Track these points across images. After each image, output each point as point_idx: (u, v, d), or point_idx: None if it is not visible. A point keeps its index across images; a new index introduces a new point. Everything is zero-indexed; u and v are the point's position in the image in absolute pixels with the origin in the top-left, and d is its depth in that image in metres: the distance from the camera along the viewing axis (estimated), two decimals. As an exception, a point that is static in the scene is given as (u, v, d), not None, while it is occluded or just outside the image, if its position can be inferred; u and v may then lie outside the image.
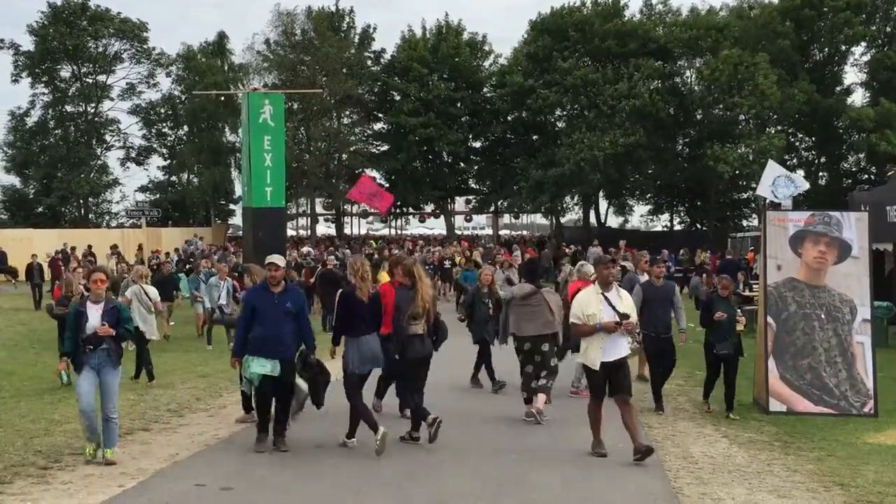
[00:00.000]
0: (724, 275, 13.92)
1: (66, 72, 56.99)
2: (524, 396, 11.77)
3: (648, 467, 9.36)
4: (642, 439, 9.71)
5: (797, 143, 52.16)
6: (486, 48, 55.86)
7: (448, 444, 10.00)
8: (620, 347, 9.59)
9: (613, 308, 9.53)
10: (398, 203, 55.99)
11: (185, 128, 58.33)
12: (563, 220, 58.91)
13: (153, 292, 15.87)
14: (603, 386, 9.67)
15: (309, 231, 62.54)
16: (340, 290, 10.41)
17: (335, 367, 10.52)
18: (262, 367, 9.76)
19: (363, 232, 66.99)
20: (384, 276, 12.23)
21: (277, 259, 10.27)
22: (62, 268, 29.26)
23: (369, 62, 55.51)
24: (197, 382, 14.92)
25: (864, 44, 50.26)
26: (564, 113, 52.41)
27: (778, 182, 25.00)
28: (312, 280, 26.54)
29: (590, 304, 9.62)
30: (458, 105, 53.29)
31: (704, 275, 30.63)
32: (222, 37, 57.82)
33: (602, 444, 9.89)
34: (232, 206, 59.45)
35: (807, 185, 25.71)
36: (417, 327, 10.10)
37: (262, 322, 9.75)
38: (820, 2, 47.41)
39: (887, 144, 43.30)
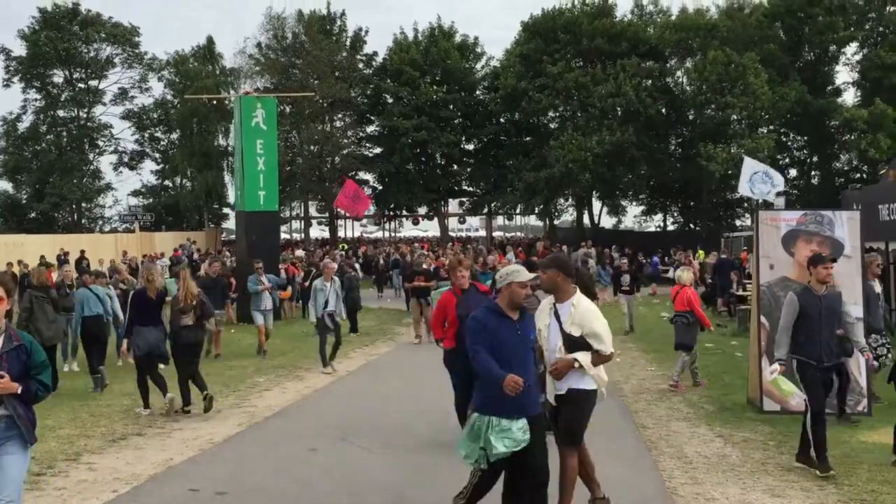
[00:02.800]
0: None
1: (58, 77, 57.01)
2: None
3: (642, 468, 9.36)
4: (599, 492, 7.77)
5: (789, 143, 52.21)
6: (479, 50, 55.94)
7: (444, 445, 10.00)
8: (569, 376, 7.19)
9: (560, 327, 7.24)
10: (391, 205, 56.02)
11: (178, 132, 58.27)
12: (556, 221, 58.97)
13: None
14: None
15: (302, 234, 62.55)
16: (133, 290, 13.58)
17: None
18: (511, 439, 6.50)
19: (357, 234, 67.01)
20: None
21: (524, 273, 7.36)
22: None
23: (361, 65, 55.52)
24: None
25: (855, 44, 50.35)
26: (556, 114, 52.43)
27: (755, 179, 25.26)
28: (307, 283, 26.62)
29: (541, 316, 7.43)
30: (451, 107, 53.29)
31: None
32: (211, 41, 57.86)
33: (599, 490, 7.80)
34: (225, 210, 59.43)
35: (782, 183, 25.95)
36: (187, 319, 12.55)
37: (505, 360, 6.53)
38: (806, 6, 47.48)
39: (875, 151, 43.52)
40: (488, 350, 6.51)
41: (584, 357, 7.07)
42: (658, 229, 58.17)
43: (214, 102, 51.46)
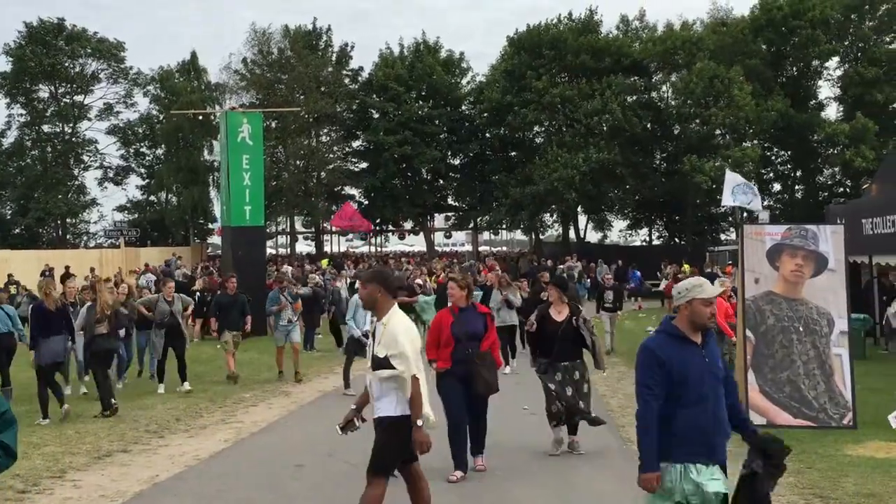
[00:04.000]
0: None
1: (43, 92, 56.78)
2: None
3: (625, 479, 9.34)
4: None
5: (773, 157, 52.51)
6: (464, 65, 56.08)
7: (433, 459, 9.96)
8: (382, 400, 6.64)
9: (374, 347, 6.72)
10: (377, 220, 56.01)
11: (163, 147, 58.14)
12: (542, 236, 59.04)
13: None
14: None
15: (288, 249, 62.40)
16: (32, 304, 14.96)
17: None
18: (716, 481, 5.31)
19: (343, 249, 66.93)
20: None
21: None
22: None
23: (347, 80, 55.56)
24: (177, 402, 14.85)
25: (836, 59, 50.70)
26: (542, 129, 52.61)
27: (737, 190, 25.70)
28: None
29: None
30: (436, 122, 53.36)
31: None
32: (195, 56, 57.80)
33: None
34: (211, 226, 59.30)
35: (758, 203, 26.55)
36: (102, 328, 13.78)
37: (693, 397, 5.20)
38: (789, 19, 47.77)
39: (862, 160, 43.60)
40: (667, 387, 5.12)
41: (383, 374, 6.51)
42: (644, 243, 58.36)
43: (200, 118, 51.38)
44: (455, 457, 9.41)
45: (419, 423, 6.47)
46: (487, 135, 54.04)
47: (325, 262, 42.60)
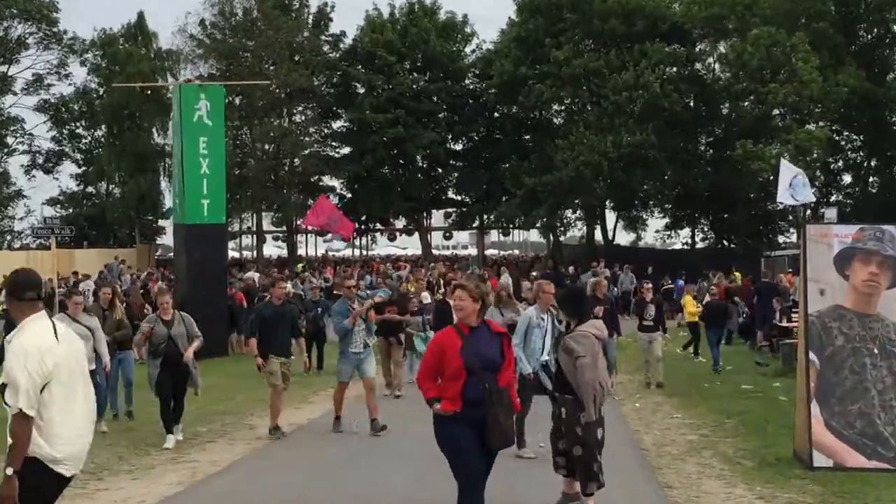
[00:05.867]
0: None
1: (-42, 60, 56.83)
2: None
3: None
4: None
5: (843, 143, 52.42)
6: (468, 30, 56.11)
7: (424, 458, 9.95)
8: None
9: None
10: (362, 218, 55.97)
11: (104, 128, 58.09)
12: (562, 237, 59.02)
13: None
14: None
15: (255, 252, 62.39)
16: None
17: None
18: None
19: (321, 252, 66.93)
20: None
21: None
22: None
23: (326, 48, 55.60)
24: (118, 437, 14.82)
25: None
26: (563, 108, 52.56)
27: (795, 183, 25.41)
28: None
29: None
30: (434, 99, 53.40)
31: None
32: (142, 18, 57.77)
33: None
34: (161, 223, 59.22)
35: (811, 196, 26.31)
36: None
37: None
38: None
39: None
40: None
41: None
42: (685, 247, 58.30)
43: (149, 92, 51.38)
44: None
45: (9, 471, 5.94)
46: (496, 114, 54.04)
47: (300, 267, 42.66)
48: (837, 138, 51.22)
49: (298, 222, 58.42)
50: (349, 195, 55.98)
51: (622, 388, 19.59)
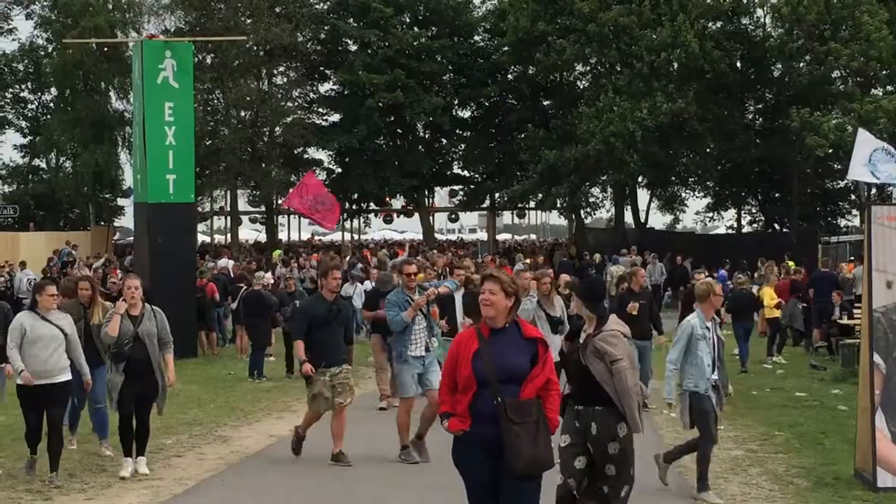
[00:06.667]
0: None
1: None
2: None
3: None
4: None
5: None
6: (477, -22, 56.06)
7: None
8: None
9: None
10: (354, 196, 55.93)
11: (54, 91, 58.04)
12: (587, 220, 58.95)
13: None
14: None
15: (228, 236, 62.41)
16: None
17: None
18: None
19: (306, 237, 66.96)
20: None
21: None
22: None
23: (312, -1, 55.59)
24: (69, 451, 14.80)
25: None
26: (588, 69, 52.43)
27: (876, 157, 24.84)
28: (235, 304, 26.66)
29: None
30: (438, 58, 53.29)
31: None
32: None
33: None
34: (120, 202, 59.20)
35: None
36: None
37: None
38: None
39: None
40: None
41: None
42: (730, 231, 58.22)
43: (106, 49, 51.28)
44: None
45: None
46: (510, 76, 53.93)
47: (276, 254, 42.67)
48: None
49: (279, 202, 58.41)
50: (338, 170, 55.96)
51: (656, 395, 19.60)
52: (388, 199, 58.55)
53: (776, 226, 54.70)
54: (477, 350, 7.92)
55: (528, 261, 39.60)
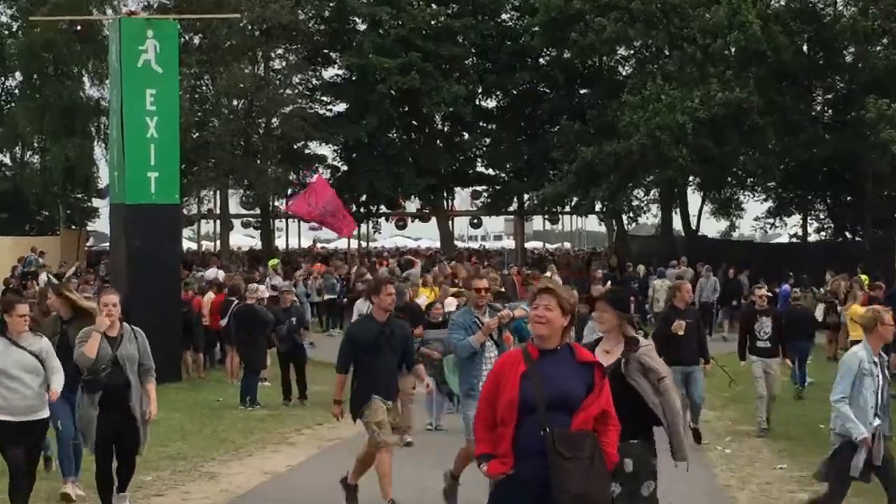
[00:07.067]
0: None
1: None
2: None
3: None
4: None
5: None
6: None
7: None
8: None
9: None
10: (362, 199, 55.96)
11: (19, 76, 58.31)
12: (630, 226, 58.94)
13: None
14: None
15: (218, 242, 62.50)
16: None
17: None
18: None
19: (307, 244, 67.05)
20: None
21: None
22: None
23: (315, -30, 55.73)
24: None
25: None
26: (632, 52, 52.43)
27: None
28: (225, 321, 26.64)
29: None
30: (460, 39, 53.38)
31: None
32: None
33: None
34: (95, 203, 59.36)
35: None
36: None
37: None
38: None
39: None
40: None
41: None
42: (794, 239, 58.09)
43: (79, 28, 51.42)
44: None
45: None
46: (542, 61, 53.99)
47: (272, 263, 42.71)
48: None
49: (277, 203, 58.56)
50: (344, 167, 56.04)
51: (708, 427, 19.57)
52: (401, 200, 58.62)
53: (847, 233, 54.57)
54: (525, 371, 7.60)
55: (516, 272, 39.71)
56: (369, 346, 13.24)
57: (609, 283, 34.06)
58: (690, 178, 52.30)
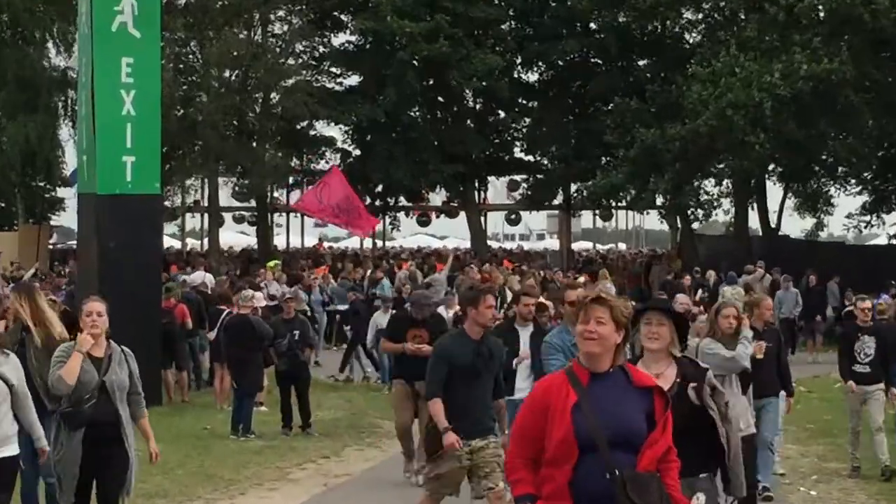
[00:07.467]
0: None
1: None
2: None
3: None
4: None
5: None
6: None
7: None
8: None
9: None
10: (378, 190, 56.02)
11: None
12: (698, 224, 58.94)
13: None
14: None
15: (206, 240, 62.68)
16: None
17: None
18: None
19: (311, 242, 67.23)
20: None
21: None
22: None
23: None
24: None
25: None
26: (700, 17, 52.46)
27: None
28: (214, 333, 26.70)
29: None
30: (496, 1, 53.40)
31: None
32: None
33: None
34: (60, 192, 59.62)
35: None
36: None
37: None
38: None
39: None
40: None
41: None
42: (894, 241, 58.04)
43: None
44: None
45: None
46: (593, 25, 54.01)
47: (271, 265, 42.87)
48: None
49: (276, 195, 58.70)
50: (357, 152, 56.12)
51: (790, 464, 19.56)
52: (424, 192, 58.68)
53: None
54: (576, 402, 7.50)
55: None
56: (465, 369, 12.69)
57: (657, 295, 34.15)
58: (770, 168, 52.31)
